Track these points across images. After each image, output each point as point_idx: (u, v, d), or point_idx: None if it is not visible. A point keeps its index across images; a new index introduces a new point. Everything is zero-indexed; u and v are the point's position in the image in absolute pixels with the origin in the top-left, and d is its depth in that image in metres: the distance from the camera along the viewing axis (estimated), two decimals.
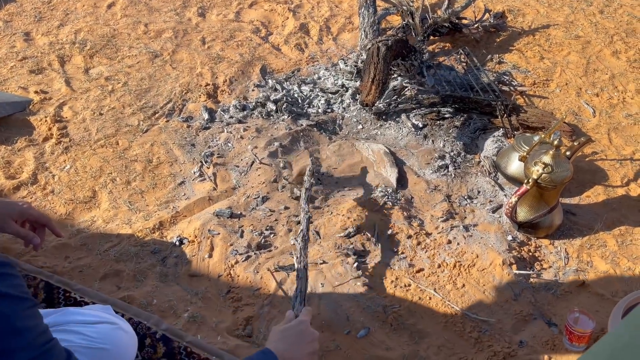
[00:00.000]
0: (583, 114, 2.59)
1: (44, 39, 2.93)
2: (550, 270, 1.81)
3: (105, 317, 1.26)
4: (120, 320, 1.29)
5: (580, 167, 2.23)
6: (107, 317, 1.27)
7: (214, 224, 1.89)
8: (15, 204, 1.27)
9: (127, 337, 1.27)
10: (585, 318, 1.56)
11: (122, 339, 1.24)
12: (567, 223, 1.98)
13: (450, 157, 2.26)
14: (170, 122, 2.40)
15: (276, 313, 1.62)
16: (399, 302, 1.68)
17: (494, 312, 1.65)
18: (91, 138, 2.28)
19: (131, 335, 1.29)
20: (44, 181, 2.05)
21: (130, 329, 1.30)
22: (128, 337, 1.27)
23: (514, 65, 2.92)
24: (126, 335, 1.27)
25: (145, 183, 2.08)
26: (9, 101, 2.35)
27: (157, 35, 3.04)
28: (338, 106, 2.58)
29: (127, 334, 1.27)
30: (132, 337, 1.30)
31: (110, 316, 1.28)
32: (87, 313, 1.26)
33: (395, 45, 2.43)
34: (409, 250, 1.84)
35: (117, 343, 1.22)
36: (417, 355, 1.53)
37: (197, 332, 1.55)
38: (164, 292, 1.66)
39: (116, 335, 1.23)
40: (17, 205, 1.26)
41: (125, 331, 1.26)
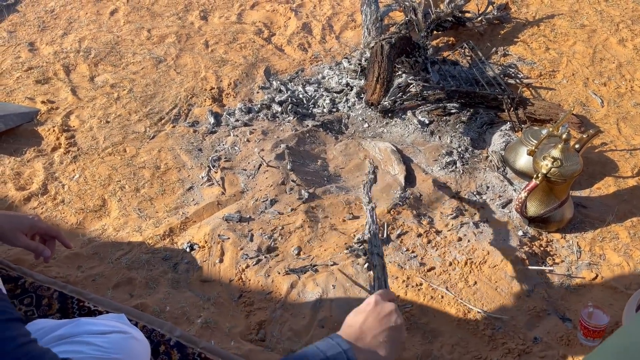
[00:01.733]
0: (591, 104, 2.57)
1: (48, 48, 2.95)
2: (562, 265, 1.80)
3: (118, 326, 1.26)
4: (133, 329, 1.29)
5: (590, 159, 2.21)
6: (120, 326, 1.26)
7: (224, 228, 1.89)
8: (24, 217, 1.28)
9: (140, 346, 1.26)
10: (600, 312, 1.54)
11: (135, 348, 1.23)
12: (579, 216, 1.97)
13: (458, 153, 2.25)
14: (176, 127, 2.41)
15: (289, 316, 1.63)
16: (411, 301, 1.67)
17: (507, 309, 1.65)
18: (99, 146, 2.29)
19: (144, 344, 1.29)
20: (54, 191, 2.07)
21: (143, 337, 1.30)
22: (141, 346, 1.26)
23: (519, 57, 2.89)
24: (138, 343, 1.26)
25: (154, 190, 2.09)
26: (17, 112, 2.36)
27: (161, 41, 3.05)
28: (343, 105, 2.57)
29: (140, 343, 1.26)
30: (145, 345, 1.29)
31: (123, 325, 1.28)
32: (99, 323, 1.26)
33: (399, 43, 2.42)
34: (420, 248, 1.84)
35: (130, 352, 1.21)
36: (431, 355, 1.53)
37: (210, 337, 1.56)
38: (176, 299, 1.67)
39: (128, 345, 1.22)
40: (26, 219, 1.27)
41: (137, 340, 1.25)
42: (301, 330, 1.59)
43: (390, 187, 2.09)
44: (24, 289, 1.65)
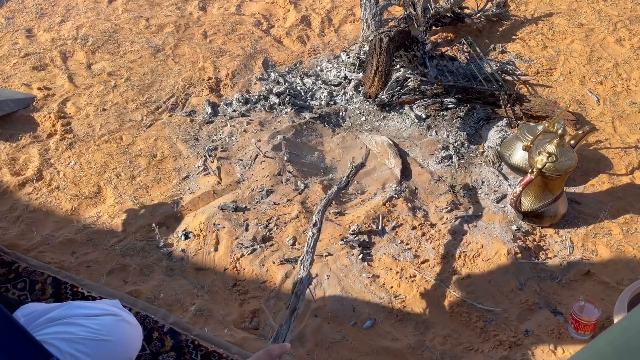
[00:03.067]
0: (587, 102, 2.58)
1: (46, 35, 2.93)
2: (555, 259, 1.81)
3: (110, 309, 1.25)
4: (125, 313, 1.28)
5: (585, 156, 2.23)
6: (112, 309, 1.25)
7: (219, 217, 1.89)
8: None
9: (132, 329, 1.25)
10: (591, 306, 1.56)
11: (126, 331, 1.23)
12: (572, 212, 1.98)
13: (454, 148, 2.26)
14: (173, 116, 2.41)
15: (282, 306, 1.63)
16: (404, 293, 1.68)
17: (500, 302, 1.66)
18: (95, 134, 2.28)
19: (136, 327, 1.28)
20: (49, 177, 2.06)
21: (135, 321, 1.29)
22: (132, 329, 1.25)
23: (517, 55, 2.90)
24: (130, 327, 1.25)
25: (150, 178, 2.09)
26: (13, 98, 2.35)
27: (159, 30, 3.04)
28: (341, 98, 2.57)
29: (132, 326, 1.26)
30: (136, 328, 1.28)
31: (115, 308, 1.27)
32: (91, 306, 1.25)
33: (398, 37, 2.42)
34: (414, 241, 1.85)
35: (121, 335, 1.20)
36: (423, 346, 1.54)
37: (204, 325, 1.56)
38: (170, 286, 1.67)
39: (120, 327, 1.21)
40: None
41: (129, 323, 1.25)
42: None
43: (386, 180, 2.10)
44: (18, 274, 1.65)
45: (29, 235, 1.83)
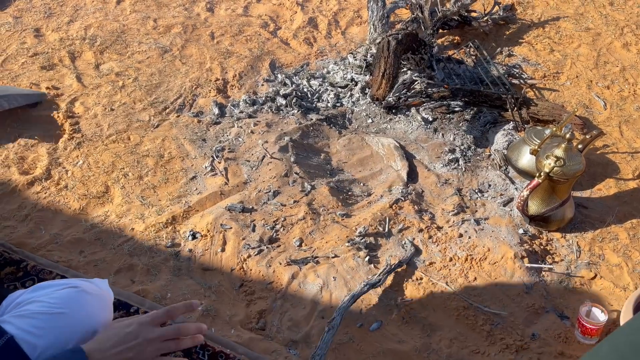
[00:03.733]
0: (594, 106, 2.58)
1: (54, 35, 2.95)
2: (562, 264, 1.81)
3: (72, 282, 1.13)
4: (87, 284, 1.13)
5: (592, 160, 2.22)
6: (75, 282, 1.13)
7: (226, 218, 1.90)
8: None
9: (92, 299, 1.11)
10: (598, 311, 1.56)
11: (85, 302, 1.10)
12: (579, 216, 1.98)
13: (461, 151, 2.26)
14: (180, 117, 2.42)
15: (289, 306, 1.64)
16: (411, 295, 1.69)
17: (506, 305, 1.66)
18: (103, 133, 2.29)
19: (99, 297, 1.13)
20: (58, 176, 2.07)
21: (100, 292, 1.14)
22: (93, 299, 1.12)
23: (523, 58, 2.90)
24: (91, 297, 1.11)
25: (157, 178, 2.10)
26: (22, 93, 2.36)
27: (167, 31, 3.05)
28: (347, 100, 2.58)
29: (93, 296, 1.12)
30: (100, 299, 1.14)
31: (79, 281, 1.14)
32: (56, 283, 1.13)
33: (406, 39, 2.43)
34: (420, 244, 1.85)
35: (77, 306, 1.08)
36: (430, 348, 1.54)
37: (211, 325, 1.57)
38: (177, 286, 1.68)
39: (77, 298, 1.09)
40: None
41: (89, 294, 1.11)
42: (301, 321, 1.60)
43: (393, 182, 2.10)
44: (26, 272, 1.66)
45: (38, 234, 1.84)
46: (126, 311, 1.56)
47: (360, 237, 1.85)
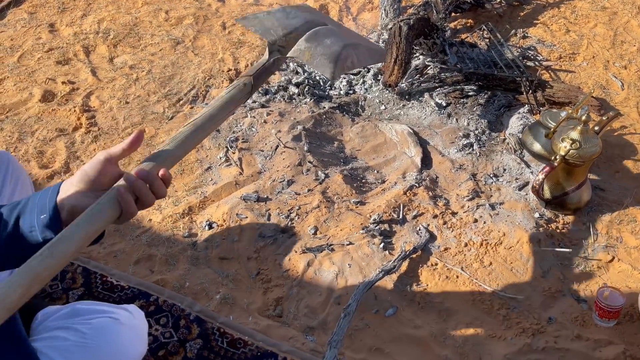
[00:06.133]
0: (611, 87, 2.54)
1: (68, 29, 2.98)
2: (579, 247, 1.80)
3: (109, 310, 1.13)
4: (125, 314, 1.14)
5: (609, 142, 2.19)
6: (111, 310, 1.13)
7: (242, 208, 1.92)
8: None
9: (128, 332, 1.12)
10: (615, 294, 1.55)
11: (120, 334, 1.10)
12: (596, 199, 1.96)
13: (475, 136, 2.25)
14: (194, 108, 2.44)
15: (305, 294, 1.66)
16: (426, 281, 1.69)
17: (522, 289, 1.66)
18: (119, 126, 2.32)
19: (134, 329, 1.14)
20: (76, 170, 2.11)
21: (135, 323, 1.15)
22: (129, 332, 1.12)
23: (538, 40, 2.86)
24: (125, 329, 1.11)
25: (173, 169, 2.12)
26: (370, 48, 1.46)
27: (178, 22, 3.06)
28: (360, 87, 2.57)
29: (128, 328, 1.12)
30: (135, 331, 1.14)
31: (116, 310, 1.14)
32: (92, 310, 1.14)
33: (417, 24, 2.41)
34: (435, 229, 1.85)
35: (112, 339, 1.08)
36: (446, 333, 1.55)
37: (229, 313, 1.59)
38: (195, 275, 1.71)
39: (112, 330, 1.09)
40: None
41: (125, 325, 1.11)
42: (317, 307, 1.62)
43: (407, 168, 2.10)
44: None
45: None
46: (146, 300, 1.60)
47: (375, 224, 1.86)
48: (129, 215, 0.82)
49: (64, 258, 0.76)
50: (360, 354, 1.50)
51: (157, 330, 1.52)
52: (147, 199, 0.83)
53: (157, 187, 0.84)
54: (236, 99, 1.13)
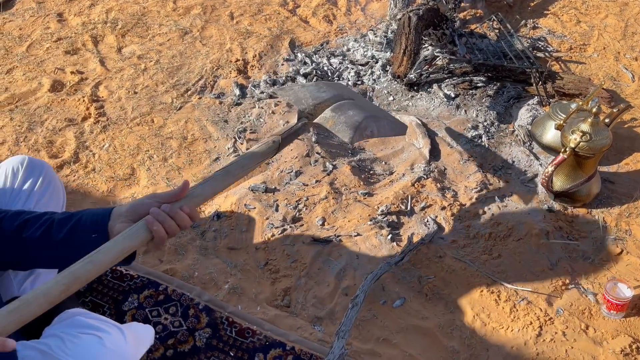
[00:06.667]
0: (622, 79, 2.51)
1: (76, 19, 2.98)
2: (587, 240, 1.79)
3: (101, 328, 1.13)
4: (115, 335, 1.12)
5: (619, 134, 2.18)
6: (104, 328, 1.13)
7: (250, 198, 1.93)
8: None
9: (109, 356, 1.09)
10: (624, 286, 1.55)
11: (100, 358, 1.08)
12: (605, 191, 1.95)
13: (484, 127, 2.24)
14: (202, 98, 2.44)
15: (313, 284, 1.67)
16: (433, 272, 1.70)
17: (530, 282, 1.66)
18: (127, 116, 2.33)
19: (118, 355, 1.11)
20: (85, 159, 2.12)
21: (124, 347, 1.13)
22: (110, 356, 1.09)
23: (549, 30, 2.83)
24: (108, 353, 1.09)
25: (182, 159, 2.13)
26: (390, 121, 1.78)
27: (186, 12, 3.06)
28: (368, 78, 2.56)
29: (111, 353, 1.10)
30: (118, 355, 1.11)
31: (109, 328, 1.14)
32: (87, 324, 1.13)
33: (427, 15, 2.39)
34: (443, 221, 1.85)
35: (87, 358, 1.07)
36: (453, 324, 1.56)
37: (237, 302, 1.61)
38: (204, 265, 1.72)
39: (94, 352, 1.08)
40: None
41: (107, 348, 1.09)
42: (325, 298, 1.63)
43: (415, 160, 2.09)
44: None
45: None
46: (155, 290, 1.61)
47: (383, 215, 1.86)
48: (159, 240, 1.04)
49: (101, 267, 0.97)
50: (368, 344, 1.51)
51: (166, 319, 1.54)
52: (171, 229, 1.05)
53: (179, 220, 1.06)
54: (265, 154, 1.39)
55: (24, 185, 1.33)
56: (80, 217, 1.07)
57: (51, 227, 1.06)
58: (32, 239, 1.05)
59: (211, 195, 1.22)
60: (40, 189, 1.34)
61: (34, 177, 1.35)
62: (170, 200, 1.10)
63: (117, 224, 1.05)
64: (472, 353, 1.49)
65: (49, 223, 1.07)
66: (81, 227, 1.05)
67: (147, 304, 1.57)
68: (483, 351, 1.49)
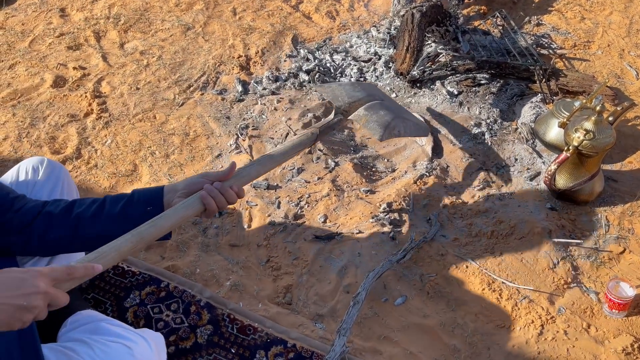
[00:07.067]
0: (626, 76, 2.50)
1: (79, 14, 2.98)
2: (590, 238, 1.79)
3: (127, 337, 1.18)
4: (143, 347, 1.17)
5: (623, 132, 2.17)
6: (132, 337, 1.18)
7: (252, 195, 1.92)
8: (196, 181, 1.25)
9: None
10: (626, 285, 1.54)
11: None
12: (608, 190, 1.94)
13: (487, 125, 2.23)
14: (205, 95, 2.43)
15: (315, 281, 1.67)
16: (435, 270, 1.69)
17: (532, 280, 1.66)
18: (130, 112, 2.33)
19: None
20: (88, 155, 2.12)
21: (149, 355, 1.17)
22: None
23: (553, 27, 2.82)
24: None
25: (184, 156, 2.13)
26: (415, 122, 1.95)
27: (189, 8, 3.05)
28: (371, 75, 2.55)
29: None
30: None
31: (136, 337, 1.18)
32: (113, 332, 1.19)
33: (430, 11, 2.38)
34: (445, 219, 1.85)
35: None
36: (455, 323, 1.56)
37: (239, 299, 1.61)
38: (206, 262, 1.72)
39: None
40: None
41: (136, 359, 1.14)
42: (327, 295, 1.63)
43: (417, 157, 2.09)
44: None
45: None
46: (157, 286, 1.61)
47: (385, 213, 1.85)
48: (211, 211, 1.18)
49: (162, 229, 1.11)
50: (369, 342, 1.51)
51: (168, 315, 1.54)
52: (221, 203, 1.19)
53: (228, 196, 1.20)
54: (303, 144, 1.57)
55: (45, 182, 1.37)
56: (132, 195, 1.18)
57: (103, 204, 1.15)
58: (84, 216, 1.13)
59: (255, 176, 1.38)
60: (58, 186, 1.39)
61: (54, 176, 1.39)
62: (220, 179, 1.23)
63: (175, 198, 1.18)
64: (474, 351, 1.49)
65: (100, 202, 1.16)
66: (135, 202, 1.17)
67: (149, 301, 1.58)
68: (484, 350, 1.49)
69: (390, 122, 1.75)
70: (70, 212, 1.14)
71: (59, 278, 0.91)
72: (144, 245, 1.10)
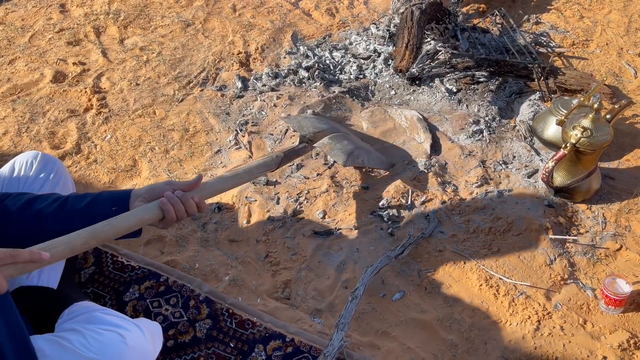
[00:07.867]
0: (624, 75, 2.51)
1: (79, 10, 2.98)
2: (587, 235, 1.80)
3: (125, 325, 1.17)
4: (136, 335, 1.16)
5: (620, 130, 2.18)
6: (126, 326, 1.16)
7: (251, 191, 1.93)
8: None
9: (131, 353, 1.12)
10: (622, 282, 1.55)
11: (123, 354, 1.11)
12: (606, 187, 1.95)
13: (485, 122, 2.24)
14: (204, 91, 2.44)
15: (313, 277, 1.68)
16: (433, 266, 1.70)
17: (529, 277, 1.67)
18: (129, 108, 2.33)
19: (138, 351, 1.14)
20: (87, 151, 2.13)
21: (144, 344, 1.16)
22: (132, 353, 1.12)
23: (552, 26, 2.83)
24: (129, 350, 1.12)
25: (183, 152, 2.13)
26: (378, 157, 1.99)
27: (189, 4, 3.05)
28: (370, 72, 2.56)
29: (133, 351, 1.13)
30: (140, 353, 1.15)
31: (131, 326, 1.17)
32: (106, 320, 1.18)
33: (429, 9, 2.39)
34: (443, 215, 1.86)
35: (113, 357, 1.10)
36: (452, 318, 1.57)
37: (238, 294, 1.62)
38: (205, 257, 1.73)
39: (115, 349, 1.11)
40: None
41: (130, 346, 1.12)
42: (325, 290, 1.64)
43: (416, 154, 2.10)
44: None
45: None
46: (156, 281, 1.62)
47: (383, 209, 1.86)
48: (169, 219, 1.18)
49: (117, 230, 1.11)
50: (367, 336, 1.52)
51: (167, 310, 1.55)
52: (180, 212, 1.19)
53: (188, 206, 1.21)
54: (268, 165, 1.62)
55: (37, 177, 1.38)
56: (98, 194, 1.20)
57: (66, 201, 1.16)
58: (45, 212, 1.14)
59: (219, 191, 1.41)
60: (52, 182, 1.40)
61: (47, 170, 1.40)
62: (184, 189, 1.24)
63: (136, 202, 1.19)
64: (471, 346, 1.50)
65: (62, 199, 1.17)
66: (101, 201, 1.18)
67: (148, 295, 1.59)
68: (481, 345, 1.50)
69: (354, 150, 1.89)
70: (30, 207, 1.15)
71: (1, 259, 0.92)
72: (97, 243, 1.12)
